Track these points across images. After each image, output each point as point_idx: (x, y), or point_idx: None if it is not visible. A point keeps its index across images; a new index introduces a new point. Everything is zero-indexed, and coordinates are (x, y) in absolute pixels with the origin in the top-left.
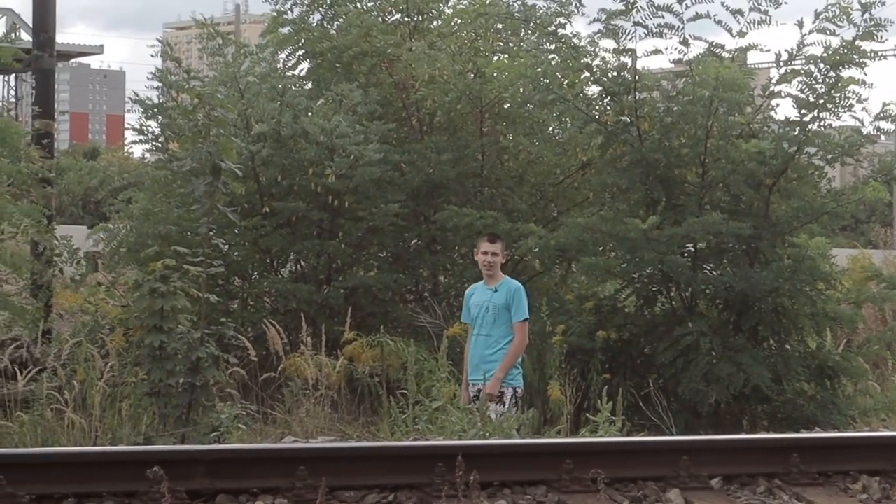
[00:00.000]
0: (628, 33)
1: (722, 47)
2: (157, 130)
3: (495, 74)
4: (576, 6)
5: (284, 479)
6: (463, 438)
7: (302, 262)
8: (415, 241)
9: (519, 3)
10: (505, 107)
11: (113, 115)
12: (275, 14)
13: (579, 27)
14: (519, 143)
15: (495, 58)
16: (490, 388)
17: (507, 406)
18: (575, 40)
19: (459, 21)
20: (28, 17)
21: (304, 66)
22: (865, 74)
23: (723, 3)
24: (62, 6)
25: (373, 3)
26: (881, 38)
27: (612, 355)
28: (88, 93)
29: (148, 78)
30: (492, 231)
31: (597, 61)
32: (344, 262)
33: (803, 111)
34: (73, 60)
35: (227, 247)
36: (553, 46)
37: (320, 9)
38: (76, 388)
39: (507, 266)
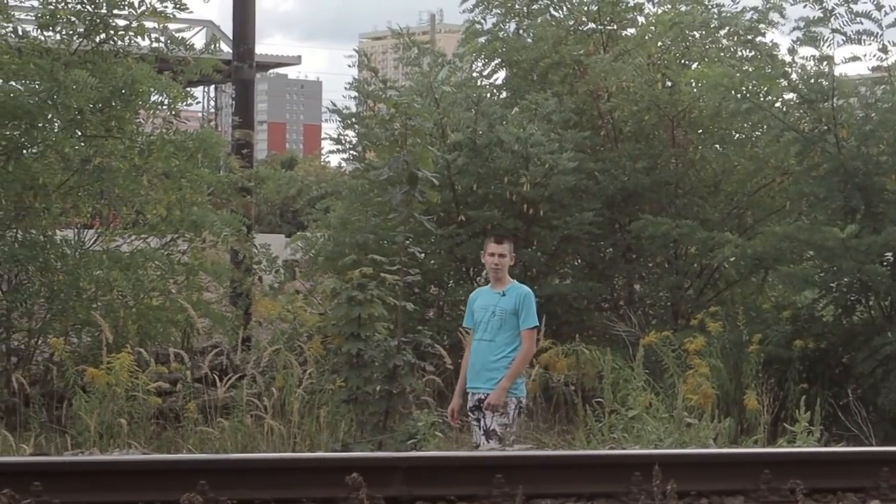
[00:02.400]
0: (826, 40)
1: None
2: (355, 140)
3: (692, 83)
4: (779, 14)
5: (481, 487)
6: (660, 447)
7: None
8: (610, 249)
9: (714, 11)
10: (693, 115)
11: (310, 125)
12: (470, 24)
13: (772, 35)
14: (711, 152)
15: (691, 65)
16: (495, 398)
17: (510, 418)
18: (772, 49)
19: (654, 29)
20: (227, 28)
21: (500, 75)
22: None
23: None
24: (260, 17)
25: (567, 13)
26: None
27: (810, 364)
28: (286, 103)
29: (345, 88)
30: (499, 231)
31: (796, 69)
32: (539, 270)
33: None
34: (271, 71)
35: (423, 255)
36: (751, 54)
37: (516, 18)
38: (275, 395)
39: (702, 276)
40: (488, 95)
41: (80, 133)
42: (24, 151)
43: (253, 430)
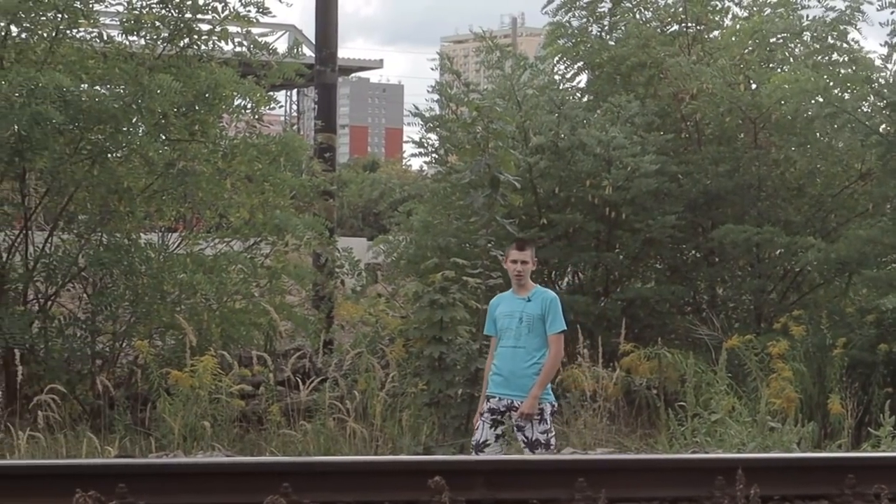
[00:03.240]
0: None
1: None
2: (437, 143)
3: (776, 86)
4: (861, 17)
5: (563, 491)
6: (742, 451)
7: (579, 274)
8: (692, 252)
9: (798, 15)
10: (776, 117)
11: (391, 129)
12: (553, 26)
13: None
14: (793, 154)
15: (774, 69)
16: (528, 407)
17: (549, 424)
18: (857, 52)
19: (737, 35)
20: (310, 32)
21: (582, 77)
22: None
23: None
24: (342, 21)
25: (651, 14)
26: None
27: (895, 368)
28: (367, 106)
29: (428, 91)
30: (520, 237)
31: (885, 73)
32: (621, 273)
33: None
34: (353, 75)
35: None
36: (834, 58)
37: (599, 20)
38: (357, 398)
39: (785, 279)
40: (571, 98)
41: (164, 137)
42: (109, 155)
43: (335, 433)
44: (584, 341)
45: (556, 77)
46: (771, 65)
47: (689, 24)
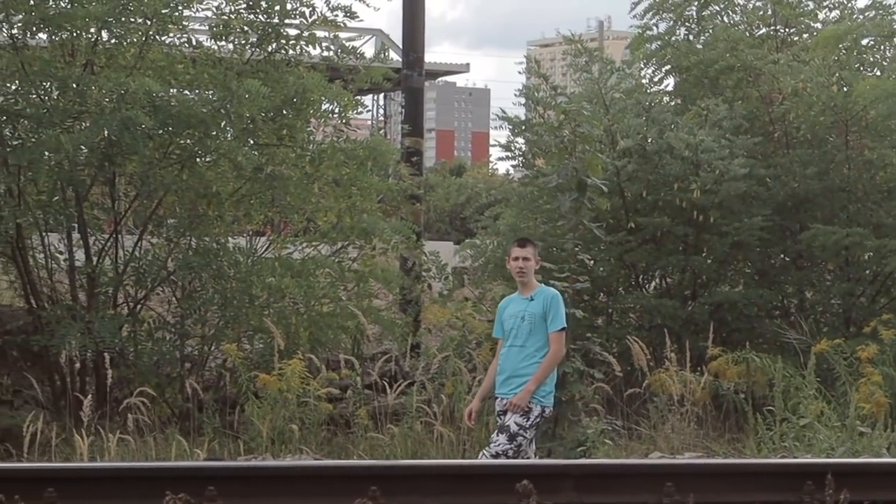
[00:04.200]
0: None
1: None
2: (524, 147)
3: (869, 87)
4: None
5: (652, 495)
6: (832, 456)
7: (667, 278)
8: (780, 256)
9: (889, 18)
10: (869, 118)
11: (478, 132)
12: (641, 30)
13: None
14: (886, 155)
15: (865, 70)
16: (519, 398)
17: (529, 422)
18: None
19: (828, 38)
20: (396, 37)
21: (670, 80)
22: None
23: None
24: (428, 26)
25: (740, 17)
26: None
27: None
28: (454, 110)
29: (515, 95)
30: (522, 235)
31: None
32: (709, 277)
33: None
34: (439, 79)
35: (592, 262)
36: None
37: (686, 24)
38: (444, 402)
39: (875, 282)
40: (659, 102)
41: (252, 141)
42: (198, 160)
43: (422, 437)
44: (671, 345)
45: (644, 80)
46: (862, 67)
47: (778, 27)
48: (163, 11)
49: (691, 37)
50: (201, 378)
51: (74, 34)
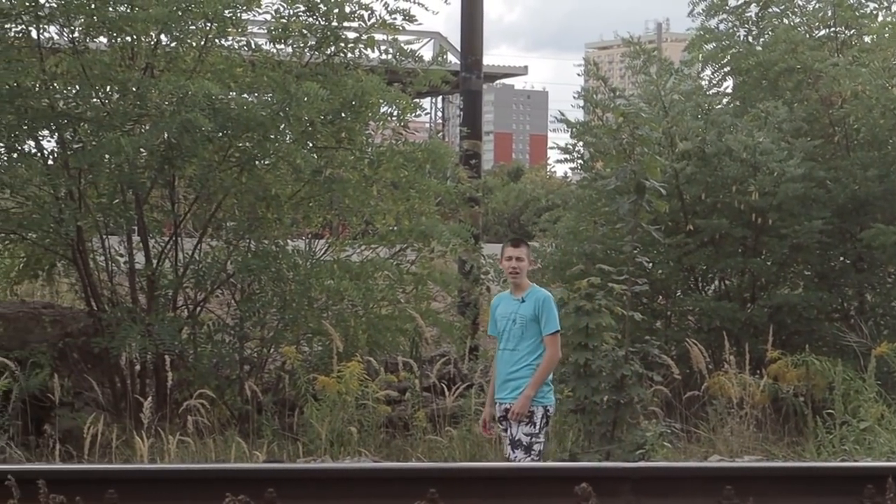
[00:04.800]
0: None
1: None
2: (582, 149)
3: None
4: None
5: (711, 498)
6: (893, 460)
7: (726, 280)
8: (840, 258)
9: None
10: None
11: (536, 135)
12: (700, 32)
13: None
14: None
15: None
16: (519, 406)
17: (537, 427)
18: None
19: (887, 37)
20: (454, 40)
21: (729, 83)
22: None
23: None
24: (486, 28)
25: (800, 19)
26: None
27: None
28: (512, 113)
29: (573, 97)
30: (515, 236)
31: None
32: (768, 279)
33: None
34: (497, 82)
35: (651, 265)
36: None
37: (746, 25)
38: None
39: None
40: (719, 105)
41: (311, 144)
42: (257, 163)
43: (481, 439)
44: (730, 348)
45: (703, 82)
46: None
47: (838, 28)
48: (223, 14)
49: (751, 38)
50: (260, 380)
51: (134, 37)
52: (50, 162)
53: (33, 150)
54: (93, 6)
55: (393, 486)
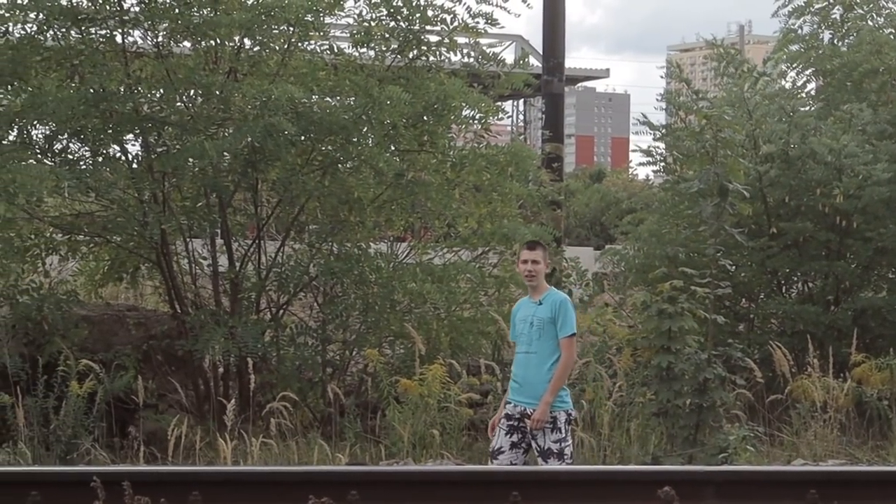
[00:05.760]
0: None
1: None
2: (665, 152)
3: None
4: None
5: (794, 502)
6: None
7: (809, 283)
8: None
9: None
10: None
11: (617, 138)
12: (784, 32)
13: None
14: None
15: None
16: (540, 414)
17: (563, 432)
18: None
19: None
20: (536, 42)
21: (813, 85)
22: None
23: None
24: (567, 31)
25: (885, 20)
26: None
27: None
28: (594, 116)
29: (657, 99)
30: (531, 238)
31: None
32: (852, 282)
33: None
34: (579, 84)
35: (734, 268)
36: None
37: (830, 27)
38: (585, 408)
39: None
40: (803, 108)
41: (393, 147)
42: (340, 166)
43: None
44: (813, 351)
45: (787, 84)
46: None
47: None
48: (306, 19)
49: (835, 40)
50: (343, 383)
51: (218, 42)
52: (134, 165)
53: (118, 154)
54: (177, 11)
55: (475, 490)
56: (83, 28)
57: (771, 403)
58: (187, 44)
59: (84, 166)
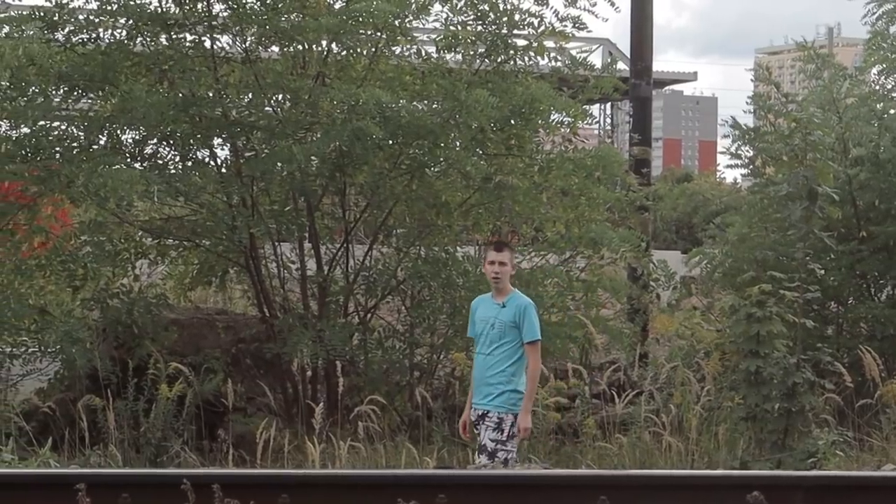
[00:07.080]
0: None
1: None
2: (753, 155)
3: None
4: None
5: None
6: None
7: None
8: None
9: None
10: None
11: (705, 141)
12: (874, 35)
13: None
14: None
15: None
16: (523, 421)
17: (504, 434)
18: None
19: None
20: (623, 46)
21: None
22: None
23: None
24: (654, 34)
25: None
26: None
27: None
28: (681, 119)
29: (746, 102)
30: (498, 239)
31: None
32: None
33: None
34: (666, 88)
35: (822, 272)
36: None
37: None
38: (673, 412)
39: None
40: (893, 111)
41: (480, 151)
42: (427, 170)
43: (651, 447)
44: None
45: (877, 87)
46: None
47: None
48: (393, 23)
49: None
50: (430, 386)
51: (306, 46)
52: (223, 170)
53: (207, 159)
54: (265, 16)
55: (563, 494)
56: (172, 33)
57: (860, 408)
58: (275, 48)
59: (173, 170)
